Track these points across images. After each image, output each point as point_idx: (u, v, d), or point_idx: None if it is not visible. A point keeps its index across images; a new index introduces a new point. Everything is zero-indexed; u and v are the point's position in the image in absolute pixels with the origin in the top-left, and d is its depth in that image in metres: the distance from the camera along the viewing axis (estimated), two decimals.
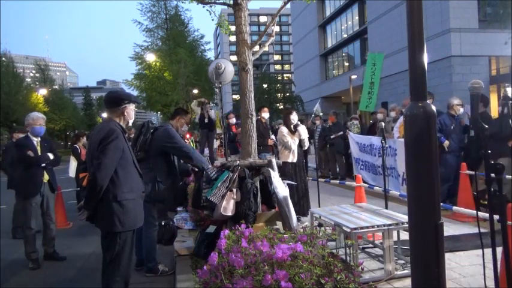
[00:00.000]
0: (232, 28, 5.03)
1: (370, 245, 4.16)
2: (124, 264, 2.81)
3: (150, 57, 24.87)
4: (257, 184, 3.96)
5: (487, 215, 2.51)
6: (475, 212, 2.81)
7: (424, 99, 1.98)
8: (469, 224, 4.92)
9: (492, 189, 1.98)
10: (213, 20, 5.49)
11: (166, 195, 3.92)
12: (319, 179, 6.15)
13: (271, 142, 7.63)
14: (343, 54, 32.92)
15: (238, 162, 3.86)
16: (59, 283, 4.01)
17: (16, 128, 7.43)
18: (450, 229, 4.72)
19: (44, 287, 3.99)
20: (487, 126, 2.09)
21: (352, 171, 8.69)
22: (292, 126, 5.53)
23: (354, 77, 25.22)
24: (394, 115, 7.81)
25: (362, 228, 3.24)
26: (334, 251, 3.28)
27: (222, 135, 11.61)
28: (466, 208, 4.34)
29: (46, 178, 4.69)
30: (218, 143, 16.47)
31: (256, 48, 4.53)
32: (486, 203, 5.16)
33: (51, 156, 4.71)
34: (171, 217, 5.08)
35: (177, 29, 27.83)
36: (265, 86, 40.28)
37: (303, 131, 5.54)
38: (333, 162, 10.28)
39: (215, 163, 4.22)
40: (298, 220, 4.73)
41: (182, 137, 4.57)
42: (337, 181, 7.75)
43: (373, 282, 3.20)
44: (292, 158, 5.47)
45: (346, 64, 32.44)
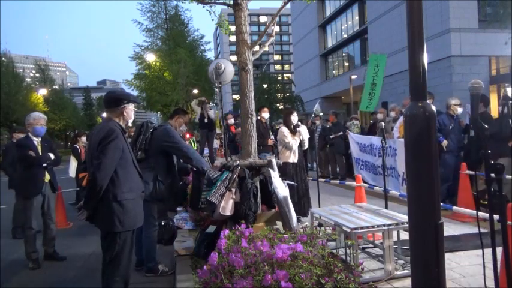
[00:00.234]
0: (232, 28, 5.03)
1: (370, 245, 4.16)
2: (124, 264, 2.81)
3: (150, 57, 24.85)
4: (257, 184, 3.96)
5: (487, 215, 2.51)
6: (475, 212, 2.81)
7: (424, 99, 1.98)
8: (469, 224, 4.92)
9: (492, 189, 1.98)
10: (213, 20, 5.50)
11: (166, 195, 3.92)
12: (319, 179, 6.15)
13: (271, 142, 7.63)
14: (343, 54, 32.92)
15: (238, 162, 3.86)
16: (59, 283, 4.01)
17: (16, 128, 7.43)
18: (450, 229, 4.72)
19: (44, 287, 3.99)
20: (487, 126, 2.09)
21: (352, 171, 8.69)
22: (292, 126, 5.53)
23: (354, 77, 25.21)
24: (394, 115, 7.81)
25: (362, 228, 3.24)
26: (334, 251, 3.28)
27: (222, 135, 11.62)
28: (466, 208, 4.35)
29: (47, 178, 4.70)
30: (218, 142, 16.48)
31: (256, 48, 4.54)
32: (486, 203, 5.16)
33: (52, 156, 4.72)
34: (171, 217, 5.09)
35: (177, 29, 27.82)
36: (265, 86, 40.28)
37: (304, 131, 5.54)
38: (333, 162, 10.29)
39: (215, 163, 4.22)
40: (298, 220, 4.73)
41: (182, 136, 4.57)
42: (337, 181, 7.76)
43: (373, 282, 3.20)
44: (293, 158, 5.47)
45: (346, 64, 32.43)
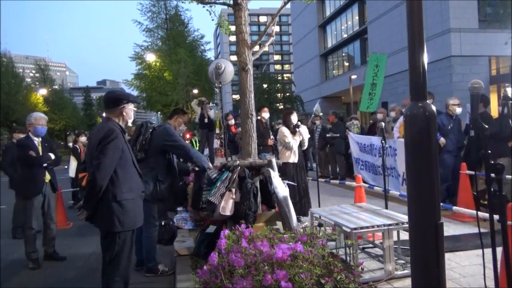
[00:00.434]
0: (232, 28, 5.03)
1: (370, 245, 4.16)
2: (123, 264, 2.81)
3: (150, 57, 24.86)
4: (257, 184, 3.96)
5: (487, 215, 2.51)
6: (475, 212, 2.81)
7: (424, 99, 1.98)
8: (469, 224, 4.92)
9: (492, 189, 1.98)
10: (213, 20, 5.50)
11: (167, 195, 3.92)
12: (319, 179, 6.15)
13: (271, 142, 7.63)
14: (343, 54, 32.92)
15: (238, 162, 3.86)
16: (59, 283, 4.02)
17: (16, 128, 7.43)
18: (450, 229, 4.72)
19: (44, 287, 3.99)
20: (487, 126, 2.09)
21: (352, 171, 8.69)
22: (292, 126, 5.53)
23: (354, 77, 25.21)
24: (394, 115, 7.81)
25: (362, 228, 3.24)
26: (334, 251, 3.28)
27: (222, 136, 11.61)
28: (466, 208, 4.34)
29: (48, 178, 4.71)
30: (218, 142, 16.48)
31: (256, 48, 4.53)
32: (486, 203, 5.16)
33: (52, 156, 4.73)
34: (171, 217, 5.09)
35: (177, 29, 27.82)
36: (265, 86, 40.30)
37: (304, 131, 5.54)
38: (333, 163, 10.28)
39: (215, 163, 4.22)
40: (298, 220, 4.73)
41: (182, 136, 4.57)
42: (337, 181, 7.75)
43: (373, 282, 3.20)
44: (293, 158, 5.46)
45: (346, 64, 32.44)
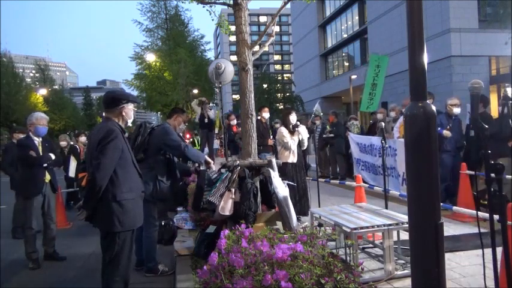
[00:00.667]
0: (232, 28, 5.03)
1: (370, 245, 4.16)
2: (123, 264, 2.81)
3: (150, 57, 24.87)
4: (257, 184, 3.96)
5: (487, 215, 2.51)
6: (475, 212, 2.81)
7: (424, 99, 1.98)
8: (469, 224, 4.92)
9: (492, 189, 1.98)
10: (213, 20, 5.50)
11: (167, 195, 3.92)
12: (319, 179, 6.15)
13: (271, 142, 7.62)
14: (343, 54, 32.91)
15: (238, 162, 3.86)
16: (59, 283, 4.01)
17: (16, 128, 7.43)
18: (450, 229, 4.72)
19: (44, 287, 3.99)
20: (487, 126, 2.09)
21: (353, 172, 8.69)
22: (291, 126, 5.52)
23: (354, 77, 25.20)
24: (394, 115, 7.81)
25: (362, 228, 3.24)
26: (334, 251, 3.28)
27: (222, 136, 11.60)
28: (466, 208, 4.34)
29: (48, 178, 4.71)
30: (218, 142, 16.47)
31: (256, 48, 4.53)
32: (486, 203, 5.16)
33: (52, 157, 4.73)
34: (171, 217, 5.09)
35: (177, 29, 27.83)
36: (265, 86, 40.31)
37: (303, 131, 5.53)
38: (333, 163, 10.28)
39: (215, 163, 4.22)
40: (298, 220, 4.72)
41: (182, 136, 4.57)
42: (337, 181, 7.75)
43: (373, 282, 3.20)
44: (293, 158, 5.46)
45: (346, 64, 32.43)
